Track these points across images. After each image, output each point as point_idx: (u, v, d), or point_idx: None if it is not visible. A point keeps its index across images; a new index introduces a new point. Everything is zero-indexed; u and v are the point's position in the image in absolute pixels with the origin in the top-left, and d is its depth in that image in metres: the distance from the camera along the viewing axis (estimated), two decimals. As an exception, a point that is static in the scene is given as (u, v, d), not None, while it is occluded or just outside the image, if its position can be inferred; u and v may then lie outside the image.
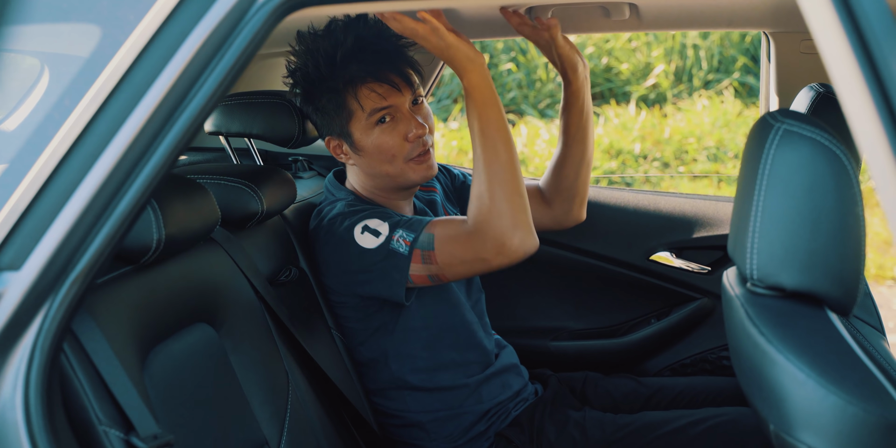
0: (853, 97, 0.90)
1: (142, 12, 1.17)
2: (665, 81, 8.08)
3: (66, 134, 1.16)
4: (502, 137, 1.75)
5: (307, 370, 1.84)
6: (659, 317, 2.56)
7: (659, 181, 6.80)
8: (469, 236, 1.74)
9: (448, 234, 1.77)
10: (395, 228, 1.80)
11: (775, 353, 1.13)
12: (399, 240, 1.78)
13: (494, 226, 1.71)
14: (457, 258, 1.76)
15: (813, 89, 1.88)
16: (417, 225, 1.80)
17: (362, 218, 1.83)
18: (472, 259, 1.75)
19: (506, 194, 1.73)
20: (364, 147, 1.89)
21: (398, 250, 1.78)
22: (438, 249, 1.76)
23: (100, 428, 1.22)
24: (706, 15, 2.12)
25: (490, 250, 1.72)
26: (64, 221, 1.15)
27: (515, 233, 1.72)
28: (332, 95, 1.87)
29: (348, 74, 1.84)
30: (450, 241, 1.76)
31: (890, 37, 0.90)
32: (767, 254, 1.19)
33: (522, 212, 1.74)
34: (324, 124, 1.93)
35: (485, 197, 1.73)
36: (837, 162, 1.16)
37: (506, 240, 1.71)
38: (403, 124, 1.88)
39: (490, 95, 1.74)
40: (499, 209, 1.72)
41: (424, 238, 1.77)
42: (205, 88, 1.18)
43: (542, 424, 1.97)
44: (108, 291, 1.37)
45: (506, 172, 1.74)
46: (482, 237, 1.73)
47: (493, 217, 1.72)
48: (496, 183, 1.73)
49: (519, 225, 1.72)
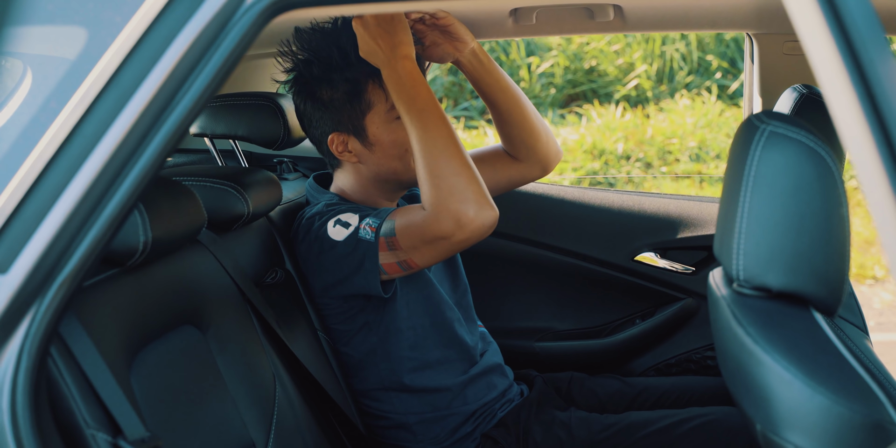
0: (839, 98, 0.90)
1: (129, 14, 1.16)
2: (646, 82, 8.10)
3: (53, 136, 1.15)
4: (436, 114, 1.75)
5: (294, 372, 1.83)
6: (643, 317, 2.57)
7: (642, 181, 6.83)
8: (425, 217, 1.73)
9: (407, 217, 1.76)
10: (362, 219, 1.79)
11: (761, 354, 1.13)
12: (366, 227, 1.78)
13: (446, 202, 1.70)
14: (418, 239, 1.74)
15: (796, 90, 1.90)
16: (384, 213, 1.80)
17: (336, 213, 1.83)
18: (433, 238, 1.73)
19: (452, 169, 1.72)
20: (379, 141, 1.89)
21: (365, 238, 1.77)
22: (399, 234, 1.75)
23: (87, 431, 1.21)
24: (690, 16, 2.13)
25: (447, 227, 1.71)
26: (51, 224, 1.15)
27: (469, 206, 1.70)
28: (351, 86, 1.85)
29: (373, 65, 1.82)
30: (409, 225, 1.75)
31: (876, 38, 0.91)
32: (753, 255, 1.20)
33: (472, 184, 1.72)
34: (330, 119, 1.90)
35: (432, 175, 1.72)
36: (822, 163, 1.16)
37: (461, 215, 1.70)
38: None
39: (416, 76, 1.75)
40: (448, 185, 1.71)
41: (387, 224, 1.77)
42: (192, 90, 1.17)
43: (528, 425, 1.97)
44: (94, 294, 1.36)
45: (447, 148, 1.73)
46: (437, 216, 1.71)
47: (444, 194, 1.71)
48: (440, 160, 1.72)
49: (470, 198, 1.71)
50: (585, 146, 7.20)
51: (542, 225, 2.59)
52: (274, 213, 2.08)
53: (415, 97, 1.75)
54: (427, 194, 1.73)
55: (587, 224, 2.58)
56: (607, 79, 8.30)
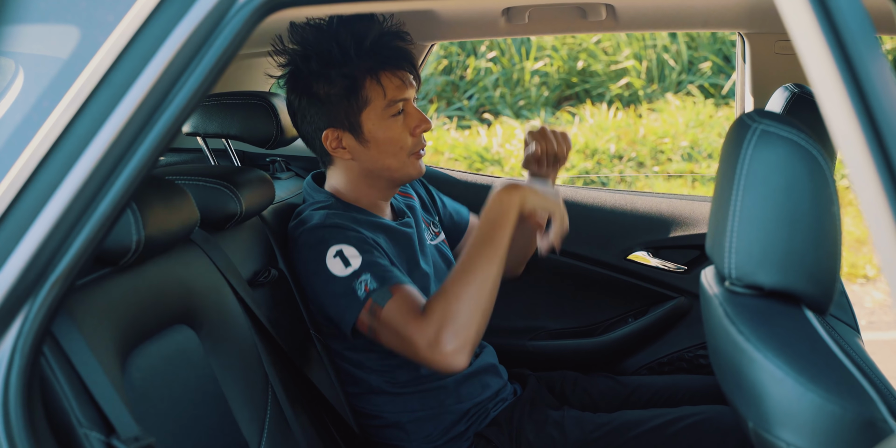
0: (831, 97, 0.91)
1: (121, 13, 1.16)
2: (638, 82, 8.11)
3: (45, 135, 1.15)
4: (501, 253, 1.74)
5: (287, 371, 1.83)
6: (636, 316, 2.58)
7: (634, 181, 6.84)
8: (417, 316, 1.70)
9: (405, 302, 1.73)
10: (365, 270, 1.76)
11: (754, 352, 1.14)
12: (362, 283, 1.76)
13: (444, 323, 1.67)
14: (395, 327, 1.72)
15: (788, 90, 1.90)
16: (386, 277, 1.77)
17: (340, 241, 1.81)
18: (406, 337, 1.70)
19: (471, 302, 1.69)
20: (374, 138, 1.89)
21: (356, 292, 1.76)
22: (387, 309, 1.73)
23: (80, 430, 1.21)
24: (682, 16, 2.14)
25: (424, 340, 1.67)
26: (44, 223, 1.15)
27: (453, 340, 1.66)
28: (348, 82, 1.85)
29: (371, 62, 1.84)
30: (398, 310, 1.72)
31: (866, 37, 0.91)
32: (745, 253, 1.21)
33: (475, 326, 1.69)
34: (325, 115, 1.90)
35: (453, 292, 1.69)
36: (814, 162, 1.17)
37: (444, 341, 1.66)
38: (411, 118, 1.90)
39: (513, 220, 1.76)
40: (455, 309, 1.68)
41: (383, 293, 1.75)
42: (185, 89, 1.17)
43: (522, 424, 1.97)
44: (87, 293, 1.36)
45: (484, 283, 1.71)
46: (427, 324, 1.68)
47: (449, 316, 1.67)
48: (470, 287, 1.70)
49: (462, 334, 1.67)
50: (578, 146, 7.21)
51: (535, 224, 2.59)
52: (267, 213, 2.07)
53: (498, 229, 1.75)
54: (436, 301, 1.71)
55: (580, 223, 2.58)
56: (599, 79, 8.30)
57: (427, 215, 2.18)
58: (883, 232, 0.90)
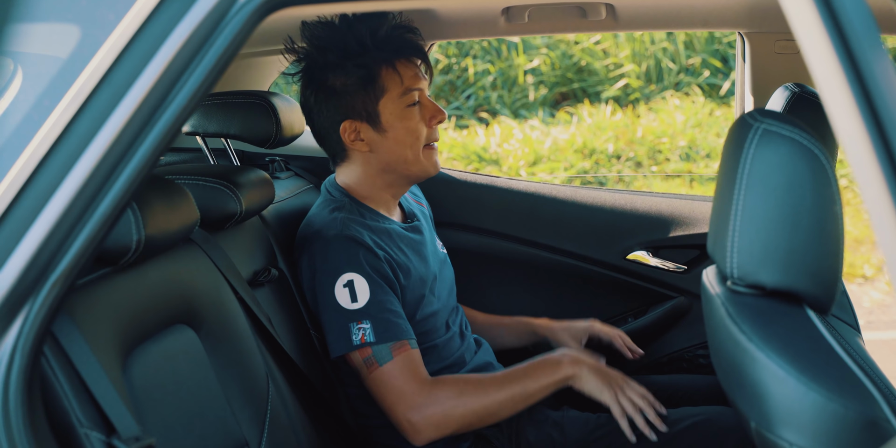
0: (834, 96, 0.91)
1: (122, 12, 1.16)
2: (635, 82, 8.12)
3: (45, 134, 1.15)
4: (522, 406, 1.85)
5: (287, 371, 1.83)
6: (636, 315, 2.58)
7: (632, 181, 6.84)
8: (414, 385, 1.79)
9: (406, 369, 1.81)
10: (367, 315, 1.81)
11: (756, 351, 1.14)
12: (360, 330, 1.80)
13: (438, 417, 1.79)
14: (386, 387, 1.80)
15: (788, 89, 1.90)
16: (387, 331, 1.81)
17: (353, 268, 1.82)
18: (394, 400, 1.80)
19: (471, 421, 1.82)
20: (392, 127, 1.90)
21: (351, 335, 1.80)
22: (384, 370, 1.80)
23: (81, 430, 1.21)
24: (682, 15, 2.13)
25: (410, 413, 1.79)
26: (45, 222, 1.14)
27: (433, 433, 1.80)
28: (365, 72, 1.87)
29: (387, 52, 1.87)
30: (400, 375, 1.80)
31: (870, 36, 0.91)
32: (747, 252, 1.20)
33: (453, 431, 1.82)
34: (343, 107, 1.91)
35: (460, 403, 1.80)
36: (816, 161, 1.17)
37: (424, 427, 1.79)
38: (426, 109, 1.93)
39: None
40: (453, 417, 1.80)
41: (383, 352, 1.80)
42: (186, 88, 1.17)
43: (521, 424, 1.97)
44: (87, 293, 1.36)
45: (489, 418, 1.83)
46: (424, 405, 1.79)
47: (447, 416, 1.80)
48: (478, 412, 1.81)
49: (441, 433, 1.81)
50: (576, 146, 7.21)
51: (535, 224, 2.59)
52: (266, 212, 2.07)
53: (541, 389, 1.84)
54: (448, 391, 1.80)
55: (579, 223, 2.58)
56: (596, 78, 8.30)
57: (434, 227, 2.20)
58: (886, 231, 0.90)
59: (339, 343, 1.82)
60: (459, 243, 2.54)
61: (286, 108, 2.18)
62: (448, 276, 2.11)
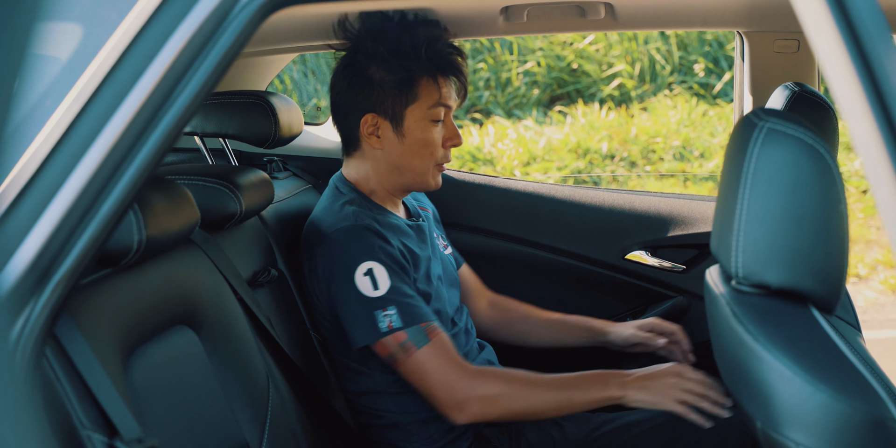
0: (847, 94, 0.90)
1: (124, 11, 1.15)
2: (629, 82, 8.12)
3: (48, 134, 1.14)
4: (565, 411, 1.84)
5: (287, 371, 1.82)
6: (634, 315, 2.57)
7: (626, 180, 6.84)
8: (461, 369, 1.79)
9: (443, 350, 1.80)
10: (391, 301, 1.79)
11: (761, 351, 1.14)
12: (386, 317, 1.79)
13: (487, 398, 1.78)
14: (429, 369, 1.79)
15: (788, 88, 1.90)
16: (414, 315, 1.80)
17: (372, 257, 1.81)
18: (439, 381, 1.79)
19: (520, 410, 1.80)
20: (411, 134, 1.91)
21: (377, 323, 1.79)
22: (423, 352, 1.79)
23: (83, 432, 1.20)
24: (681, 14, 2.13)
25: (455, 392, 1.78)
26: (47, 223, 1.13)
27: (478, 410, 1.78)
28: (406, 74, 1.88)
29: (434, 64, 1.89)
30: (438, 356, 1.79)
31: (882, 35, 0.91)
32: (752, 252, 1.20)
33: (505, 416, 1.81)
34: (372, 99, 1.91)
35: (512, 391, 1.79)
36: (821, 160, 1.17)
37: (473, 404, 1.78)
38: (447, 130, 1.95)
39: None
40: (506, 403, 1.79)
41: (418, 334, 1.79)
42: (189, 88, 1.16)
43: (521, 424, 1.97)
44: (88, 294, 1.35)
45: (543, 413, 1.82)
46: (471, 386, 1.78)
47: (496, 397, 1.78)
48: (533, 406, 1.80)
49: (484, 415, 1.80)
50: (570, 146, 7.21)
51: (533, 223, 2.59)
52: (266, 212, 2.06)
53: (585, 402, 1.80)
54: (493, 378, 1.80)
55: (578, 222, 2.58)
56: (590, 79, 8.31)
57: (439, 230, 2.19)
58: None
59: (365, 332, 1.80)
60: (458, 243, 2.53)
61: (285, 108, 2.18)
62: (452, 275, 2.10)
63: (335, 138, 2.76)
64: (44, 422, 1.18)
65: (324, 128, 2.82)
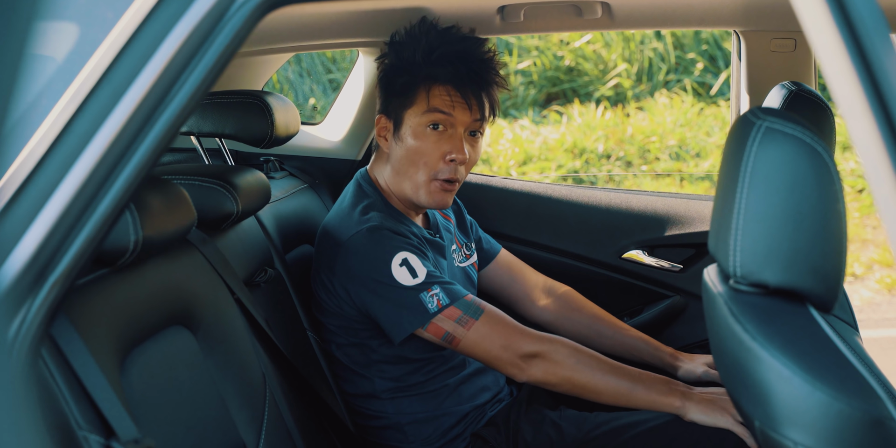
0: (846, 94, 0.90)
1: (121, 10, 1.15)
2: (626, 81, 8.12)
3: (44, 134, 1.13)
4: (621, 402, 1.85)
5: (284, 372, 1.82)
6: (631, 315, 2.57)
7: (622, 180, 6.84)
8: (524, 329, 1.83)
9: (500, 314, 1.83)
10: (433, 282, 1.80)
11: (760, 350, 1.13)
12: (433, 297, 1.79)
13: (553, 361, 1.81)
14: (493, 335, 1.80)
15: (785, 87, 1.90)
16: (454, 291, 1.82)
17: (402, 248, 1.82)
18: (506, 342, 1.80)
19: (580, 384, 1.82)
20: (405, 139, 1.92)
21: (426, 305, 1.79)
22: (483, 320, 1.80)
23: (80, 433, 1.20)
24: (678, 14, 2.13)
25: (527, 347, 1.81)
26: (43, 223, 1.13)
27: (542, 370, 1.81)
28: (407, 77, 1.90)
29: (436, 70, 1.89)
30: (502, 320, 1.82)
31: (881, 34, 0.91)
32: (750, 251, 1.20)
33: (563, 384, 1.83)
34: (384, 101, 1.97)
35: (579, 361, 1.82)
36: (819, 159, 1.16)
37: (539, 363, 1.81)
38: (449, 142, 1.90)
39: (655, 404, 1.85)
40: (568, 372, 1.81)
41: (471, 307, 1.81)
42: (186, 88, 1.16)
43: (518, 424, 1.97)
44: (85, 294, 1.34)
45: (601, 394, 1.84)
46: (540, 347, 1.81)
47: (563, 362, 1.81)
48: (595, 384, 1.82)
49: (549, 376, 1.81)
50: (566, 145, 7.21)
51: (531, 223, 2.59)
52: (262, 212, 2.06)
53: (642, 403, 1.83)
54: (563, 343, 1.83)
55: (575, 222, 2.57)
56: (587, 78, 8.30)
57: (463, 237, 2.18)
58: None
59: (414, 317, 1.80)
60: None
61: (281, 107, 2.17)
62: (468, 289, 2.10)
63: (332, 138, 2.76)
64: (40, 422, 1.17)
65: (321, 128, 2.82)
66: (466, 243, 2.18)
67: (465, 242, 2.17)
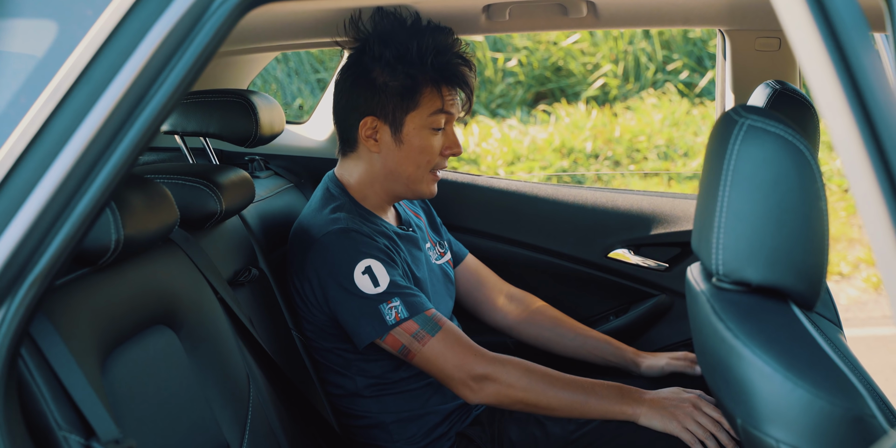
0: (826, 92, 0.90)
1: (100, 8, 1.14)
2: (613, 81, 8.13)
3: (22, 132, 1.13)
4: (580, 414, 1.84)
5: (268, 371, 1.81)
6: (617, 314, 2.58)
7: (610, 179, 6.85)
8: (478, 351, 1.82)
9: (457, 333, 1.83)
10: (393, 294, 1.80)
11: (742, 348, 1.13)
12: (391, 309, 1.79)
13: (505, 382, 1.80)
14: (447, 354, 1.80)
15: (769, 86, 1.90)
16: (416, 304, 1.81)
17: (368, 255, 1.81)
18: (458, 363, 1.79)
19: (533, 402, 1.81)
20: (409, 141, 1.90)
21: (384, 316, 1.79)
22: (439, 337, 1.80)
23: (59, 433, 1.19)
24: (663, 12, 2.13)
25: (477, 369, 1.79)
26: (22, 222, 1.12)
27: (493, 392, 1.80)
28: (410, 82, 1.87)
29: (440, 73, 1.88)
30: (458, 339, 1.82)
31: (861, 34, 0.91)
32: (733, 249, 1.20)
33: (516, 404, 1.82)
34: (373, 103, 1.90)
35: (531, 381, 1.80)
36: (801, 157, 1.16)
37: (489, 385, 1.79)
38: (447, 138, 1.94)
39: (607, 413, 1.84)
40: (521, 392, 1.80)
41: (429, 322, 1.80)
42: (165, 86, 1.15)
43: (504, 423, 1.97)
44: (65, 294, 1.34)
45: (556, 410, 1.82)
46: (490, 370, 1.79)
47: (514, 383, 1.80)
48: (548, 400, 1.81)
49: (502, 397, 1.80)
50: (554, 145, 7.22)
51: (517, 222, 2.59)
52: (246, 212, 2.05)
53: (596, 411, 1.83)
54: (512, 364, 1.82)
55: (561, 221, 2.57)
56: (574, 78, 8.31)
57: (435, 235, 2.18)
58: (878, 227, 0.90)
59: (371, 328, 1.80)
60: (440, 242, 2.53)
61: (266, 106, 2.16)
62: (445, 285, 2.10)
63: (317, 137, 2.75)
64: (19, 422, 1.16)
65: (306, 127, 2.81)
66: (439, 241, 2.17)
67: (438, 240, 2.17)
